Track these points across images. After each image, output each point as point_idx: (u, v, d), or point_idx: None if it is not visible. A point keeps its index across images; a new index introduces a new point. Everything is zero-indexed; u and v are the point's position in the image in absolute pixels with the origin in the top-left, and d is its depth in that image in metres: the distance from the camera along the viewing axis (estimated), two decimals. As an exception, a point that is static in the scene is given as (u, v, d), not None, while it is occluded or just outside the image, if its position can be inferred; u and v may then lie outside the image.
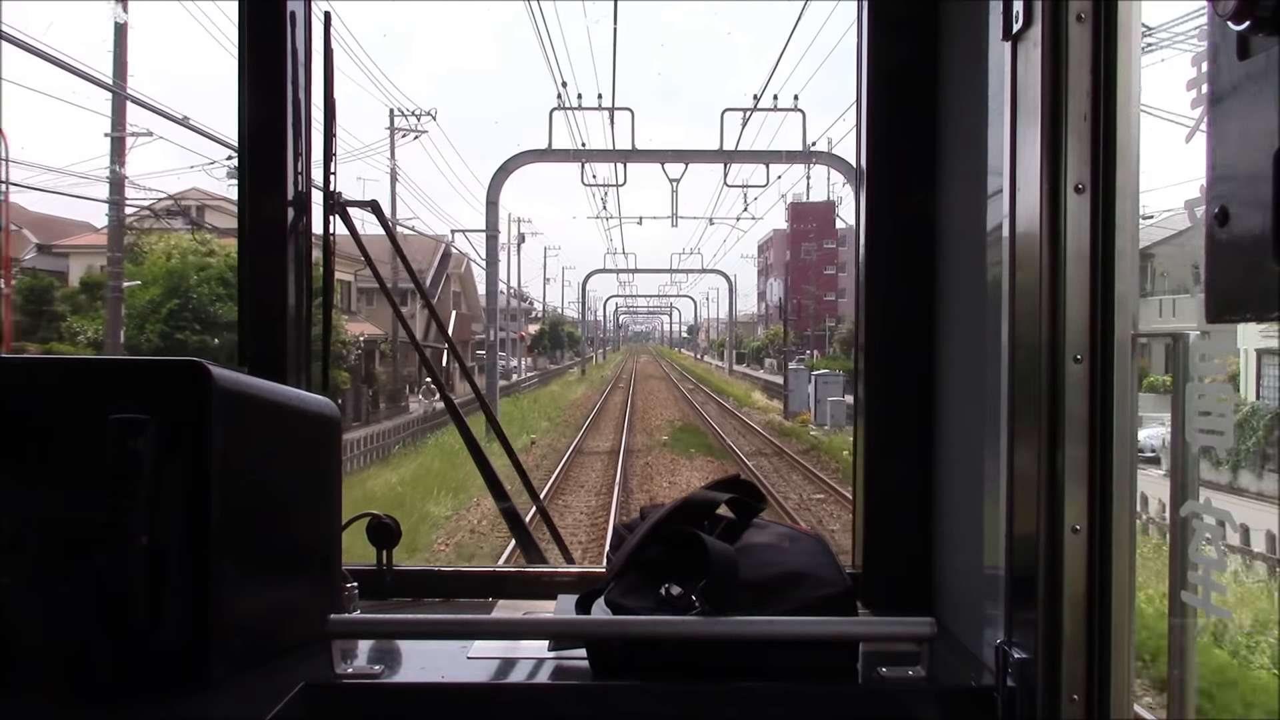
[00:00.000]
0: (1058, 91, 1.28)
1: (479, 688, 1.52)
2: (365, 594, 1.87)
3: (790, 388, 36.21)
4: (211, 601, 1.41)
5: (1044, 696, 1.30)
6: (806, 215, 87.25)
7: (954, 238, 1.78)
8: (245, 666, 1.47)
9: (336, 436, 1.76)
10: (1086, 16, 1.26)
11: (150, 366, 1.47)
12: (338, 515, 1.76)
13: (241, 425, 1.47)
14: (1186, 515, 1.17)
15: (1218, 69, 0.95)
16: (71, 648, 1.40)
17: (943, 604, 1.79)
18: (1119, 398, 1.26)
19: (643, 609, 1.51)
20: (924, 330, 1.85)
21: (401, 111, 33.86)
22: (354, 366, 32.53)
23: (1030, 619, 1.32)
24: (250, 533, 1.50)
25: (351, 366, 31.93)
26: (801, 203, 79.50)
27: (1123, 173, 1.26)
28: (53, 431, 1.43)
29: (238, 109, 1.94)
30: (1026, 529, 1.33)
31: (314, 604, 1.61)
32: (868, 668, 1.51)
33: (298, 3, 1.97)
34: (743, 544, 1.61)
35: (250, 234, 1.95)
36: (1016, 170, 1.37)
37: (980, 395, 1.54)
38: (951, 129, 1.78)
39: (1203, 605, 1.15)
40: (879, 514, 1.91)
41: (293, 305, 1.97)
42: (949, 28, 1.79)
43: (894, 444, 1.89)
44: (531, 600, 1.94)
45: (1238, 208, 0.91)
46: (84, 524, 1.38)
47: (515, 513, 2.40)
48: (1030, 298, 1.33)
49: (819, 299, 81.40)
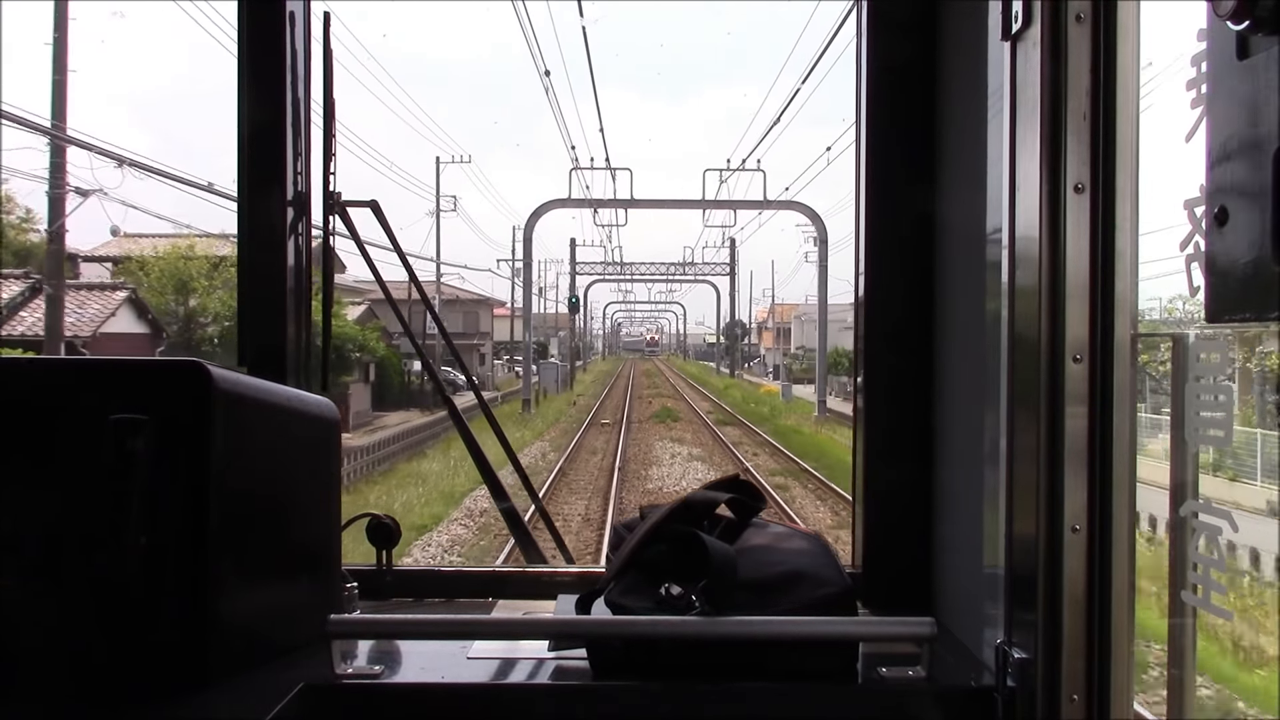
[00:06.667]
0: (1057, 91, 1.28)
1: (479, 688, 1.52)
2: (365, 594, 1.87)
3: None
4: (210, 601, 1.41)
5: (1044, 696, 1.30)
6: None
7: (954, 238, 1.78)
8: (244, 667, 1.47)
9: (336, 436, 1.76)
10: (1086, 16, 1.26)
11: (150, 367, 1.47)
12: (337, 515, 1.76)
13: (241, 425, 1.47)
14: (1186, 515, 1.17)
15: (1217, 69, 0.95)
16: (71, 648, 1.40)
17: (943, 604, 1.79)
18: (1119, 398, 1.26)
19: (643, 609, 1.51)
20: (923, 330, 1.85)
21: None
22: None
23: (1030, 619, 1.32)
24: (250, 533, 1.50)
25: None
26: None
27: (1122, 173, 1.26)
28: (52, 431, 1.43)
29: (237, 109, 1.94)
30: (1026, 529, 1.33)
31: (314, 604, 1.61)
32: (868, 668, 1.51)
33: (298, 3, 1.97)
34: (742, 544, 1.61)
35: (250, 234, 1.95)
36: (1016, 170, 1.37)
37: (980, 395, 1.54)
38: (951, 129, 1.78)
39: (1202, 605, 1.15)
40: (879, 514, 1.91)
41: (293, 305, 1.97)
42: (949, 28, 1.79)
43: (894, 444, 1.89)
44: (531, 600, 1.94)
45: (1237, 208, 0.91)
46: (83, 524, 1.38)
47: (515, 513, 2.40)
48: (1030, 298, 1.33)
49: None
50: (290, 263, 1.97)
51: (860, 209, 1.92)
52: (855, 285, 1.97)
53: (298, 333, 1.99)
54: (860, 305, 1.93)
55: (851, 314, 2.18)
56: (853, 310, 2.02)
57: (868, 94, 1.89)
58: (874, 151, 1.89)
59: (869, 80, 1.89)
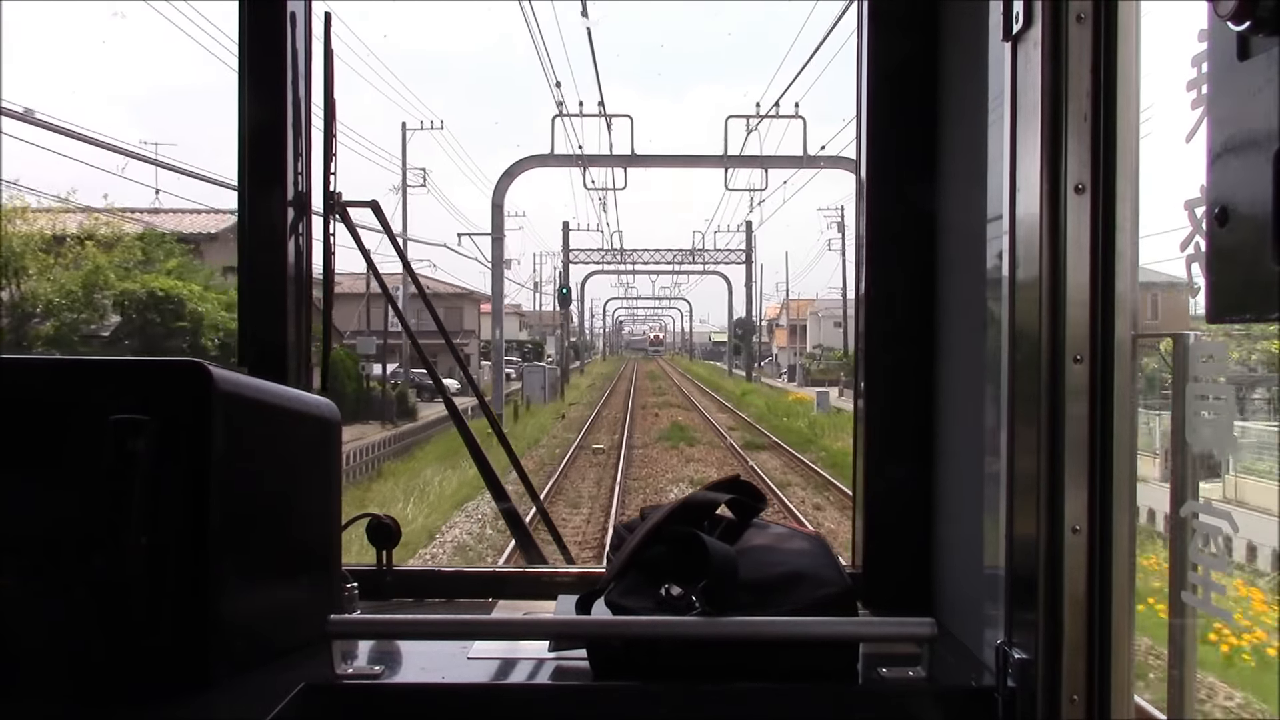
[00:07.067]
0: (1058, 92, 1.28)
1: (479, 688, 1.52)
2: (365, 594, 1.87)
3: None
4: (211, 601, 1.41)
5: (1044, 697, 1.30)
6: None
7: (954, 238, 1.78)
8: (245, 667, 1.47)
9: (336, 437, 1.76)
10: (1086, 17, 1.26)
11: (150, 367, 1.47)
12: (338, 515, 1.76)
13: (241, 426, 1.47)
14: (1186, 515, 1.17)
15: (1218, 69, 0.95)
16: (71, 648, 1.40)
17: (943, 604, 1.79)
18: (1119, 398, 1.26)
19: (643, 609, 1.51)
20: (924, 330, 1.85)
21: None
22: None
23: (1030, 619, 1.32)
24: (250, 533, 1.50)
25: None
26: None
27: (1122, 173, 1.26)
28: (52, 432, 1.43)
29: (238, 109, 1.94)
30: (1027, 529, 1.33)
31: (314, 604, 1.61)
32: (868, 668, 1.51)
33: (298, 3, 1.97)
34: (743, 544, 1.61)
35: (250, 234, 1.95)
36: (1016, 170, 1.37)
37: (980, 395, 1.54)
38: (951, 129, 1.78)
39: (1202, 606, 1.15)
40: (879, 514, 1.91)
41: (293, 305, 1.98)
42: (949, 28, 1.79)
43: (894, 444, 1.89)
44: (532, 601, 1.94)
45: (1238, 208, 0.91)
46: (84, 524, 1.38)
47: (515, 513, 2.40)
48: (1030, 298, 1.33)
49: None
50: (290, 263, 1.97)
51: (860, 209, 1.92)
52: (855, 286, 1.97)
53: (298, 333, 1.99)
54: (860, 305, 1.93)
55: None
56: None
57: (868, 94, 1.89)
58: (874, 152, 1.89)
59: (869, 81, 1.89)
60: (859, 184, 1.93)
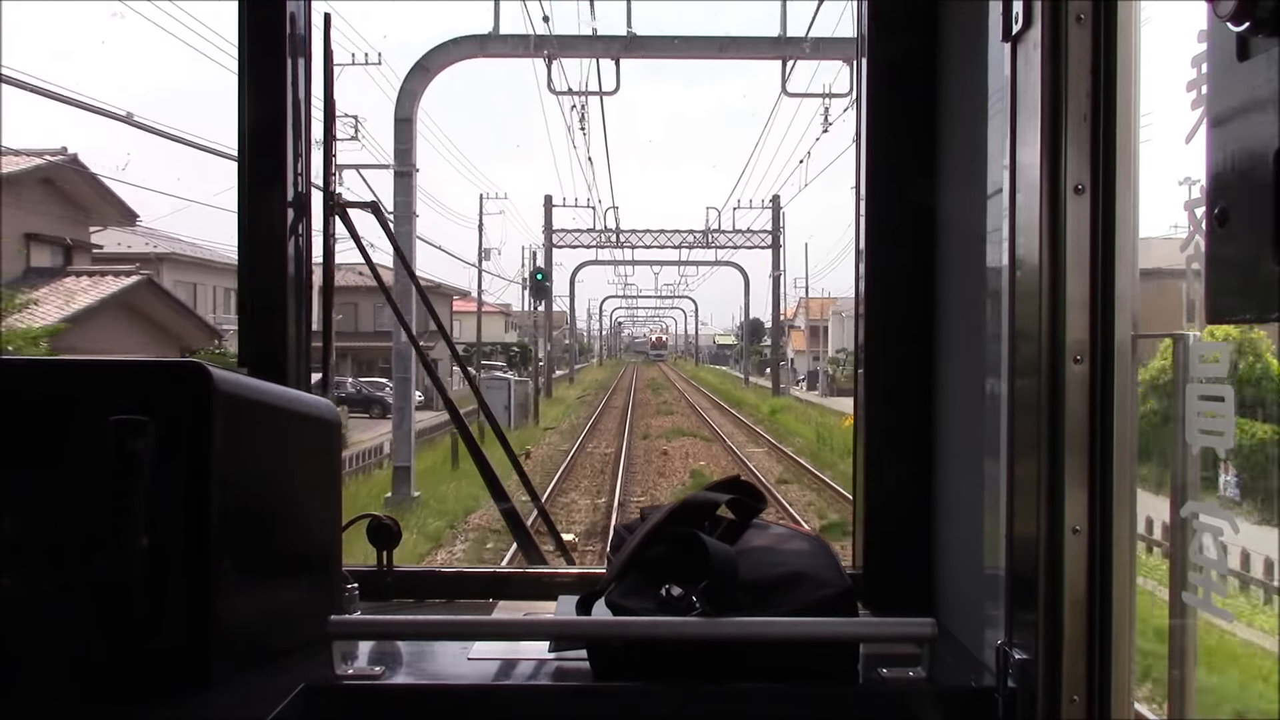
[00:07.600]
0: (1057, 92, 1.28)
1: (479, 689, 1.52)
2: (365, 595, 1.87)
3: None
4: (211, 602, 1.41)
5: (1044, 697, 1.30)
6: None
7: (954, 238, 1.78)
8: (245, 667, 1.47)
9: (336, 437, 1.76)
10: (1086, 17, 1.26)
11: (150, 367, 1.47)
12: (338, 516, 1.76)
13: (241, 426, 1.47)
14: (1186, 516, 1.17)
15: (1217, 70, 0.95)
16: (72, 648, 1.40)
17: (943, 605, 1.79)
18: (1119, 399, 1.26)
19: (643, 610, 1.51)
20: (924, 331, 1.85)
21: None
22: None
23: (1031, 620, 1.32)
24: (250, 534, 1.50)
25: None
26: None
27: (1122, 173, 1.26)
28: (52, 432, 1.43)
29: (238, 109, 1.94)
30: (1027, 530, 1.33)
31: (314, 604, 1.61)
32: (868, 668, 1.51)
33: (298, 3, 1.97)
34: (743, 545, 1.61)
35: (250, 234, 1.95)
36: (1016, 171, 1.37)
37: (980, 396, 1.54)
38: (951, 130, 1.79)
39: (1203, 606, 1.15)
40: (879, 514, 1.91)
41: (293, 306, 1.98)
42: (949, 28, 1.79)
43: (894, 444, 1.89)
44: (532, 601, 1.94)
45: (1238, 209, 0.91)
46: (84, 525, 1.38)
47: (515, 514, 2.40)
48: (1030, 298, 1.33)
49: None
50: (290, 263, 1.97)
51: (860, 210, 1.92)
52: (855, 286, 1.97)
53: (298, 333, 1.99)
54: (860, 306, 1.93)
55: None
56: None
57: (868, 94, 1.90)
58: (874, 152, 1.89)
59: (869, 81, 1.89)
60: (859, 184, 1.93)
